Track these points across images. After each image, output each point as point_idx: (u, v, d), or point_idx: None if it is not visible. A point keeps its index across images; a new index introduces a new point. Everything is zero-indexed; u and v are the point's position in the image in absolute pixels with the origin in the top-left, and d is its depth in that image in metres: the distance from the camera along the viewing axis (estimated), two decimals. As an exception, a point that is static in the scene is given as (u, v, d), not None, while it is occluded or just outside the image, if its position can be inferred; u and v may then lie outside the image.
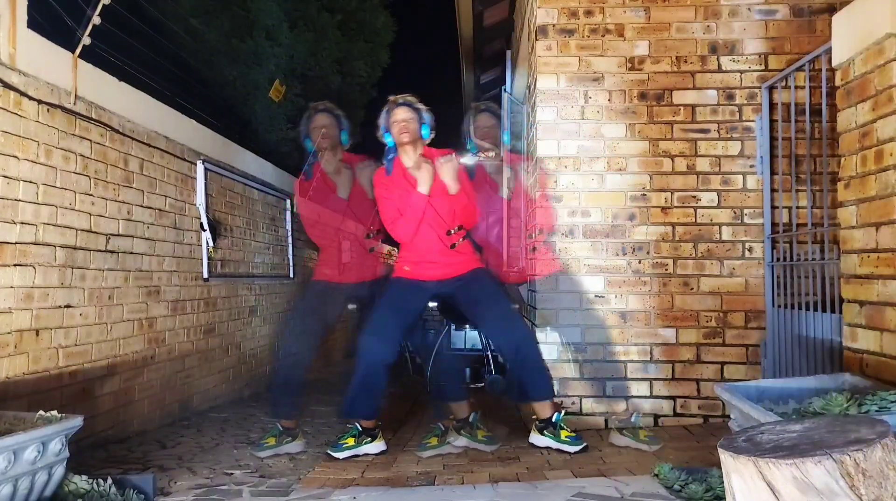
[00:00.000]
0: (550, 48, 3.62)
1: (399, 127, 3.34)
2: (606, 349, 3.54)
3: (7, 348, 2.76)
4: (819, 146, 3.24)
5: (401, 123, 3.33)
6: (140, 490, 2.40)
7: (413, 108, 3.36)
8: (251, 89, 6.42)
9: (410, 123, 3.34)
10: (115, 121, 3.55)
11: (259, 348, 5.60)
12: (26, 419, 2.27)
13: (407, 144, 3.35)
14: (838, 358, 2.66)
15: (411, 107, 3.37)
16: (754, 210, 3.52)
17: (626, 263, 3.55)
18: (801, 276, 3.11)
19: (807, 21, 3.54)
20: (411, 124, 3.34)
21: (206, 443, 3.56)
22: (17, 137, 2.84)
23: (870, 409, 1.88)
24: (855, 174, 2.44)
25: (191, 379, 4.38)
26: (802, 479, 1.28)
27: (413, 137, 3.35)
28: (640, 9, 3.59)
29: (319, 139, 3.69)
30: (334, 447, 3.18)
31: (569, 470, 2.72)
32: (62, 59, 3.16)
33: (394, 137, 3.37)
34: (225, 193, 4.98)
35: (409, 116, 3.34)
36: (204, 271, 4.52)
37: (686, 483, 2.26)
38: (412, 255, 3.37)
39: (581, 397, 3.53)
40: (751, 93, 3.54)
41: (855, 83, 2.44)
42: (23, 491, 2.09)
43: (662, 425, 3.49)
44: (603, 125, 3.59)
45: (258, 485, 2.71)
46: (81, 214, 3.25)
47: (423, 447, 3.25)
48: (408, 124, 3.33)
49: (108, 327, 3.45)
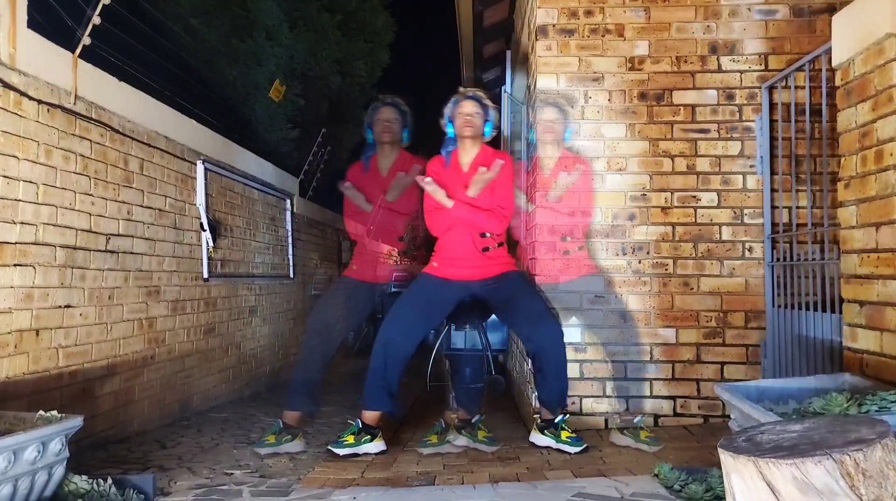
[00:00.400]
0: (550, 48, 3.62)
1: (463, 120, 3.32)
2: (606, 349, 3.54)
3: (7, 348, 2.76)
4: (819, 146, 3.24)
5: (465, 117, 3.32)
6: (140, 490, 2.40)
7: (481, 103, 3.36)
8: (251, 89, 6.42)
9: (475, 117, 3.33)
10: (115, 121, 3.55)
11: (259, 348, 5.60)
12: (26, 419, 2.27)
13: (468, 138, 3.34)
14: (838, 358, 2.66)
15: (479, 102, 3.36)
16: (754, 210, 3.52)
17: (626, 263, 3.55)
18: (801, 276, 3.11)
19: (807, 21, 3.54)
20: (476, 119, 3.33)
21: (206, 443, 3.56)
22: (17, 137, 2.84)
23: (870, 409, 1.88)
24: (855, 174, 2.44)
25: (191, 379, 4.37)
26: (802, 479, 1.28)
27: (476, 132, 3.34)
28: (640, 9, 3.59)
29: (381, 132, 3.67)
30: (336, 443, 3.19)
31: (569, 470, 2.72)
32: (62, 59, 3.16)
33: (456, 130, 3.35)
34: (225, 193, 4.98)
35: (474, 110, 3.33)
36: (204, 271, 4.52)
37: (686, 483, 2.26)
38: (444, 252, 3.36)
39: (581, 397, 3.53)
40: (751, 93, 3.54)
41: (855, 83, 2.44)
42: (23, 491, 2.09)
43: (662, 425, 3.49)
44: (603, 125, 3.59)
45: (258, 485, 2.71)
46: (81, 214, 3.25)
47: (423, 444, 3.25)
48: (472, 119, 3.32)
49: (108, 327, 3.45)
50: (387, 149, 3.73)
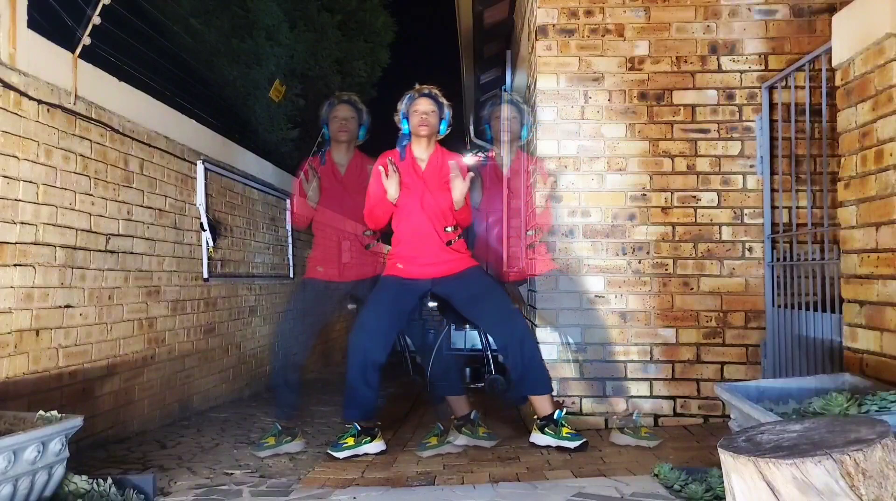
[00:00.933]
0: (550, 48, 3.62)
1: (419, 118, 3.30)
2: (606, 349, 3.54)
3: (7, 348, 2.76)
4: (819, 146, 3.24)
5: (421, 115, 3.30)
6: (140, 490, 2.40)
7: (436, 101, 3.33)
8: (251, 89, 6.41)
9: (431, 116, 3.31)
10: (115, 121, 3.55)
11: (259, 348, 5.60)
12: (26, 419, 2.27)
13: (424, 136, 3.33)
14: (838, 358, 2.66)
15: (435, 100, 3.34)
16: (754, 210, 3.52)
17: (626, 263, 3.55)
18: (801, 276, 3.11)
19: (807, 21, 3.54)
20: (431, 118, 3.31)
21: (206, 443, 3.56)
22: (17, 137, 2.84)
23: (870, 409, 1.88)
24: (855, 174, 2.44)
25: (191, 379, 4.38)
26: (802, 479, 1.28)
27: (431, 131, 3.33)
28: (640, 9, 3.59)
29: (338, 130, 3.67)
30: (334, 446, 3.18)
31: (569, 470, 2.72)
32: (62, 59, 3.16)
33: (412, 128, 3.34)
34: (225, 193, 4.98)
35: (430, 108, 3.31)
36: (204, 271, 4.52)
37: (686, 483, 2.26)
38: (406, 250, 3.33)
39: (581, 397, 3.53)
40: (751, 93, 3.54)
41: (855, 83, 2.44)
42: (23, 491, 2.09)
43: (662, 425, 3.49)
44: (603, 125, 3.59)
45: (258, 485, 2.71)
46: (81, 214, 3.25)
47: (422, 446, 3.25)
48: (428, 117, 3.31)
49: (108, 327, 3.45)
50: (343, 147, 3.71)
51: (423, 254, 3.30)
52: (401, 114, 3.36)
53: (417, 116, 3.30)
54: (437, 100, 3.34)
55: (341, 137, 3.68)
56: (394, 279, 3.33)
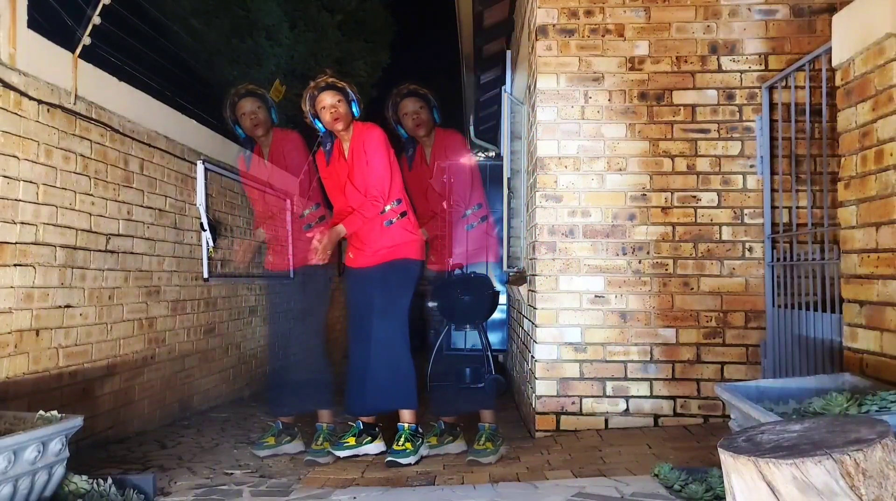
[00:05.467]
0: (550, 48, 3.62)
1: (329, 113, 3.20)
2: (606, 349, 3.53)
3: (7, 348, 2.76)
4: (819, 146, 3.24)
5: (330, 110, 3.20)
6: (140, 490, 2.40)
7: (337, 89, 3.21)
8: (251, 89, 6.41)
9: (340, 106, 3.20)
10: (115, 121, 3.55)
11: (259, 348, 5.59)
12: (26, 419, 2.27)
13: (341, 130, 3.25)
14: (838, 358, 2.66)
15: (335, 88, 3.21)
16: (754, 210, 3.52)
17: (626, 263, 3.55)
18: (801, 276, 3.11)
19: (807, 21, 3.54)
20: (341, 108, 3.20)
21: (206, 443, 3.56)
22: (17, 137, 2.85)
23: (870, 409, 1.88)
24: (855, 174, 2.44)
25: (191, 379, 4.38)
26: (802, 479, 1.28)
27: (346, 121, 3.24)
28: (640, 9, 3.59)
29: (251, 127, 3.62)
30: (337, 445, 3.19)
31: (569, 470, 2.72)
32: (62, 59, 3.16)
33: (325, 125, 3.25)
34: (225, 193, 4.98)
35: (335, 100, 3.20)
36: (204, 271, 4.51)
37: (686, 483, 2.26)
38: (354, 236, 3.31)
39: (581, 397, 3.53)
40: (751, 93, 3.54)
41: (855, 83, 2.44)
42: (23, 491, 2.09)
43: (662, 425, 3.49)
44: (603, 125, 3.59)
45: (258, 485, 2.71)
46: (81, 214, 3.25)
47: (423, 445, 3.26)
48: (337, 109, 3.20)
49: (108, 327, 3.45)
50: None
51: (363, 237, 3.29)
52: (309, 115, 3.27)
53: (327, 112, 3.21)
54: (336, 86, 3.21)
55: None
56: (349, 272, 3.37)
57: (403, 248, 3.30)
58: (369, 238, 3.28)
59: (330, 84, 3.21)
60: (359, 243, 3.32)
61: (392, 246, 3.28)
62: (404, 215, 3.34)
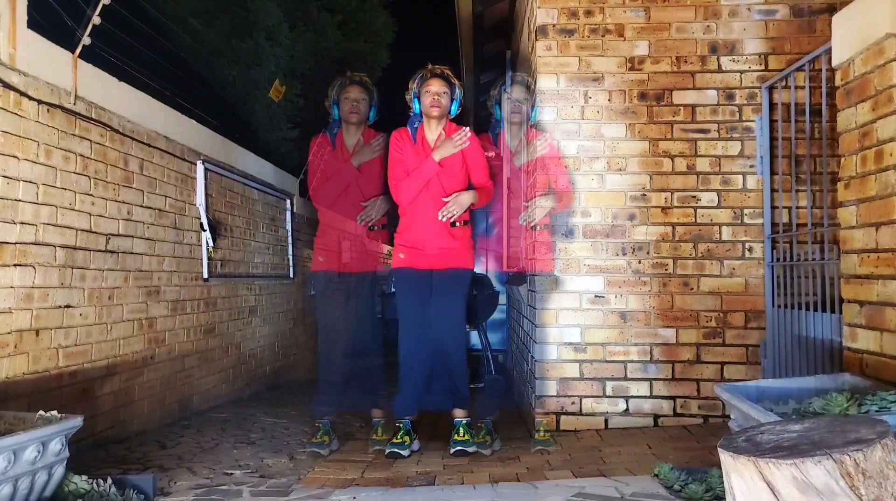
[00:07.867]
0: (550, 48, 3.62)
1: (431, 98, 3.29)
2: (606, 349, 3.54)
3: (7, 348, 2.76)
4: (819, 146, 3.24)
5: (434, 95, 3.29)
6: (140, 490, 2.40)
7: (448, 82, 3.32)
8: (251, 89, 6.41)
9: (443, 97, 3.30)
10: (115, 121, 3.55)
11: (259, 348, 5.60)
12: (26, 419, 2.27)
13: (434, 118, 3.32)
14: (838, 358, 2.66)
15: (447, 80, 3.32)
16: (754, 210, 3.52)
17: (626, 263, 3.55)
18: (801, 276, 3.11)
19: (807, 21, 3.54)
20: (443, 99, 3.30)
21: (206, 443, 3.56)
22: (17, 137, 2.84)
23: (870, 409, 1.88)
24: (855, 174, 2.44)
25: (191, 379, 4.37)
26: (802, 479, 1.28)
27: (443, 112, 3.32)
28: (640, 9, 3.59)
29: (349, 112, 3.62)
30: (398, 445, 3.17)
31: (569, 470, 2.72)
32: (62, 59, 3.16)
33: (423, 108, 3.32)
34: (225, 193, 4.98)
35: (442, 89, 3.30)
36: (204, 271, 4.52)
37: (686, 483, 2.26)
38: (410, 233, 3.32)
39: (581, 397, 3.53)
40: (751, 93, 3.54)
41: (855, 83, 2.44)
42: (23, 491, 2.09)
43: (662, 425, 3.49)
44: (603, 125, 3.59)
45: (258, 485, 2.71)
46: (81, 214, 3.25)
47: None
48: (440, 98, 3.29)
49: (108, 327, 3.45)
50: (353, 129, 3.67)
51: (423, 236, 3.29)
52: (412, 93, 3.34)
53: (430, 97, 3.29)
54: (450, 80, 3.33)
55: (352, 119, 3.63)
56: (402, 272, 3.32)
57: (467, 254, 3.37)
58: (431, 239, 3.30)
59: (446, 75, 3.34)
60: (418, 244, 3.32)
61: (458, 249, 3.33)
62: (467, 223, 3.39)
